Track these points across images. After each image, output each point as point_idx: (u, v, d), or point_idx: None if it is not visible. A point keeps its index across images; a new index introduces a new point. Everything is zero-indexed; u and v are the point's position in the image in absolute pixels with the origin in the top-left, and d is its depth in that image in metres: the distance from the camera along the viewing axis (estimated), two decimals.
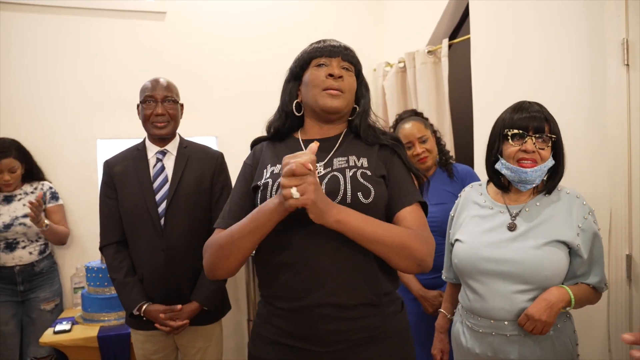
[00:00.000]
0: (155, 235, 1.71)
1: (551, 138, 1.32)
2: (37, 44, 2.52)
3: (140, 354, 1.80)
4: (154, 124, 1.75)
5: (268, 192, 1.10)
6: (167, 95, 1.75)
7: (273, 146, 1.23)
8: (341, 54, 1.18)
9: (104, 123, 2.62)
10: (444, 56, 2.56)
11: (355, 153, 1.16)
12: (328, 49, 1.17)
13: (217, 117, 2.80)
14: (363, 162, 1.14)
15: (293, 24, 2.94)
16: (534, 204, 1.37)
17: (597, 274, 1.34)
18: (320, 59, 1.17)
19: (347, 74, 1.17)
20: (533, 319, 1.25)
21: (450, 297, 1.62)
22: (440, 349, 1.62)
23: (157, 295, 1.73)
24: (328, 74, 1.14)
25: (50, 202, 2.41)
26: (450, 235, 1.52)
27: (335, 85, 1.14)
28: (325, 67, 1.16)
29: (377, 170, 1.14)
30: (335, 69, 1.15)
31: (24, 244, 2.30)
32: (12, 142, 2.33)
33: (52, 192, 2.43)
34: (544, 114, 1.33)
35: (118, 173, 1.78)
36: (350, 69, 1.19)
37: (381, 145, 1.19)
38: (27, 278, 2.29)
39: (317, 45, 1.19)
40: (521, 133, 1.31)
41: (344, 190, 1.08)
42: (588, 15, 1.71)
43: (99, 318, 2.24)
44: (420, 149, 1.89)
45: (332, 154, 1.16)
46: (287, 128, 1.22)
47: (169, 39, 2.72)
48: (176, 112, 1.79)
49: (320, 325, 1.06)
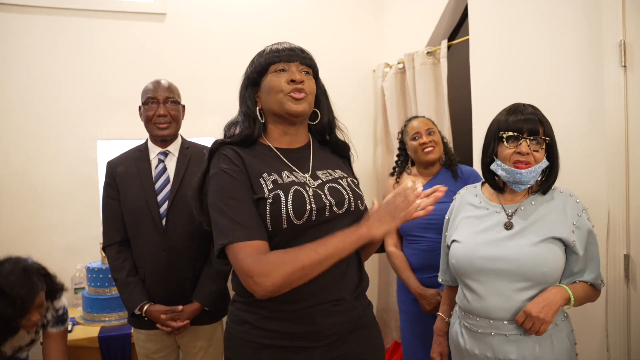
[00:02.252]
0: (156, 236, 1.72)
1: (545, 140, 1.34)
2: (38, 45, 2.52)
3: (142, 353, 1.81)
4: (156, 125, 1.76)
5: (283, 206, 1.08)
6: (169, 96, 1.76)
7: (246, 153, 1.16)
8: (299, 58, 1.18)
9: (104, 124, 2.62)
10: (443, 57, 2.57)
11: (331, 166, 1.23)
12: (286, 54, 1.17)
13: (217, 117, 2.78)
14: (339, 172, 1.22)
15: (293, 25, 2.94)
16: (529, 203, 1.39)
17: (593, 271, 1.35)
18: (278, 64, 1.16)
19: (307, 78, 1.18)
20: (531, 316, 1.26)
21: (447, 300, 1.62)
22: (439, 352, 1.62)
23: (158, 294, 1.74)
24: (290, 80, 1.14)
25: (54, 327, 1.77)
26: (446, 238, 1.53)
27: (300, 88, 1.15)
28: (285, 72, 1.16)
29: (354, 178, 1.26)
30: (297, 74, 1.15)
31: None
32: (37, 269, 1.65)
33: (59, 315, 1.77)
34: (538, 116, 1.35)
35: (120, 174, 1.79)
36: (309, 72, 1.20)
37: (341, 154, 1.30)
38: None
39: (274, 49, 1.19)
40: (516, 135, 1.33)
41: (349, 200, 1.16)
42: (586, 17, 1.72)
43: (99, 318, 2.25)
44: (427, 138, 1.96)
45: (312, 165, 1.20)
46: (256, 134, 1.19)
47: (168, 40, 2.73)
48: (178, 113, 1.80)
49: (320, 320, 1.11)
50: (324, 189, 1.14)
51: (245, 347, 1.15)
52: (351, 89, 3.08)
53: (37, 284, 1.62)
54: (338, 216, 1.14)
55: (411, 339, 2.03)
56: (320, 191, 1.14)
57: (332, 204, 1.12)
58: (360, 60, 3.14)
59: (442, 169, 2.03)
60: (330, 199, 1.13)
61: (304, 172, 1.17)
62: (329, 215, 1.12)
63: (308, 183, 1.15)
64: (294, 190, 1.10)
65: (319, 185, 1.15)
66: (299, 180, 1.14)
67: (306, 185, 1.13)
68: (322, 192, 1.14)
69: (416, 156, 2.02)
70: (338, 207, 1.13)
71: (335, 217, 1.13)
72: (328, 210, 1.12)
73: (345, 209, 1.15)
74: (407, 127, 2.05)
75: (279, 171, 1.15)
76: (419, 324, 1.98)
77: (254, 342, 1.13)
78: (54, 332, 1.79)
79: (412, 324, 2.03)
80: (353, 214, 1.16)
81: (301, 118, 1.20)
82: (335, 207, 1.13)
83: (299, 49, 1.20)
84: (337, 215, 1.14)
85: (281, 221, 1.08)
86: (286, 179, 1.13)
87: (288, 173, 1.15)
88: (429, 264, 1.91)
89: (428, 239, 1.93)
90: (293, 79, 1.14)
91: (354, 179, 1.25)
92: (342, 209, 1.14)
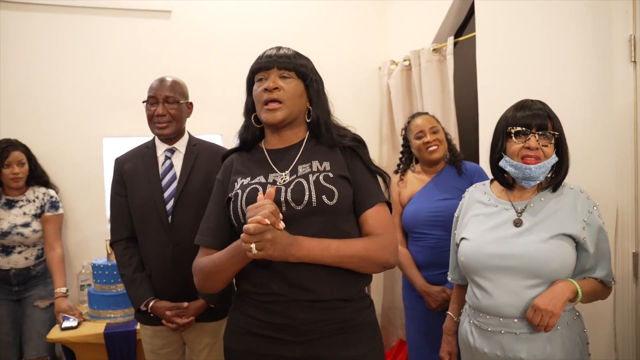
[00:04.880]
0: (163, 232, 1.72)
1: (554, 135, 1.33)
2: (42, 43, 2.53)
3: (148, 349, 1.82)
4: (155, 124, 1.76)
5: (239, 203, 1.17)
6: (169, 96, 1.74)
7: (241, 157, 1.28)
8: (276, 64, 1.20)
9: (109, 121, 2.63)
10: (450, 54, 2.55)
11: (318, 158, 1.21)
12: (264, 62, 1.21)
13: (223, 115, 2.80)
14: (326, 165, 1.19)
15: (298, 22, 2.94)
16: (539, 200, 1.37)
17: (604, 268, 1.34)
18: (259, 73, 1.21)
19: (285, 82, 1.19)
20: (539, 309, 1.25)
21: (456, 299, 1.61)
22: (447, 351, 1.61)
23: (165, 291, 1.74)
24: (264, 89, 1.18)
25: (49, 211, 2.36)
26: (455, 236, 1.52)
27: (272, 98, 1.17)
28: (264, 81, 1.19)
29: (341, 171, 1.19)
30: (270, 82, 1.18)
31: (20, 249, 2.29)
32: (16, 141, 2.36)
33: (52, 202, 2.38)
34: (546, 111, 1.34)
35: (128, 170, 1.79)
36: (290, 75, 1.20)
37: (344, 147, 1.24)
38: (23, 280, 2.29)
39: (257, 58, 1.24)
40: (524, 130, 1.33)
41: (309, 195, 1.13)
42: (595, 12, 1.71)
43: (105, 315, 2.26)
44: (431, 137, 1.94)
45: (297, 161, 1.21)
46: (250, 139, 1.28)
47: (174, 37, 2.73)
48: (178, 112, 1.77)
49: (295, 314, 1.12)
50: (291, 185, 1.15)
51: (236, 332, 1.22)
52: (356, 87, 3.07)
53: (17, 144, 2.31)
54: (300, 212, 1.13)
55: (417, 337, 2.02)
56: (286, 188, 1.15)
57: (288, 200, 1.13)
58: (365, 58, 3.14)
59: (446, 165, 2.03)
60: (288, 196, 1.14)
61: (283, 170, 1.19)
62: (286, 210, 1.12)
63: (278, 181, 1.17)
64: (250, 189, 1.17)
65: (290, 181, 1.17)
66: (265, 180, 1.19)
67: (268, 185, 1.16)
68: (287, 188, 1.15)
69: (420, 155, 2.01)
70: (296, 203, 1.13)
71: (296, 212, 1.13)
72: (284, 205, 1.13)
73: (306, 203, 1.12)
74: (411, 125, 2.03)
75: (255, 174, 1.21)
76: (425, 322, 1.97)
77: (241, 327, 1.20)
78: (49, 216, 2.35)
79: (417, 322, 2.02)
80: (318, 209, 1.12)
81: (283, 124, 1.22)
82: (292, 203, 1.13)
83: (278, 55, 1.21)
84: (299, 211, 1.13)
85: (239, 216, 1.16)
86: (254, 180, 1.20)
87: (262, 176, 1.20)
88: (434, 262, 1.90)
89: (434, 236, 1.92)
90: (266, 87, 1.18)
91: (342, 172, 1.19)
92: (301, 205, 1.12)
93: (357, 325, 1.18)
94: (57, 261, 2.32)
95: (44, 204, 2.36)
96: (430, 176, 2.01)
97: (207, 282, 1.20)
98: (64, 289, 2.29)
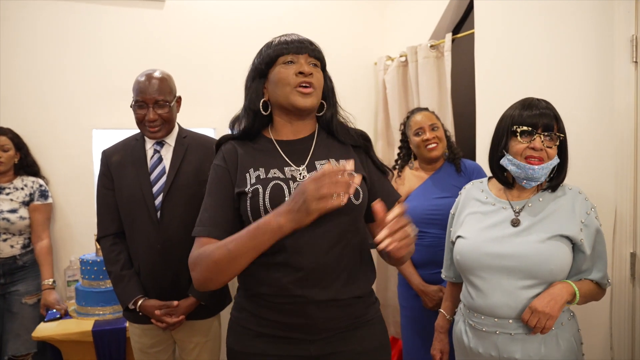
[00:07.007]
0: (151, 227, 1.68)
1: (559, 137, 1.32)
2: (31, 32, 2.45)
3: (137, 348, 1.78)
4: (147, 128, 1.70)
5: (260, 200, 1.10)
6: (158, 99, 1.67)
7: (246, 147, 1.20)
8: (308, 50, 1.18)
9: (100, 113, 2.57)
10: (447, 51, 2.53)
11: (334, 156, 1.19)
12: (295, 46, 1.16)
13: (216, 108, 2.75)
14: None
15: (294, 15, 2.90)
16: (537, 200, 1.36)
17: (600, 270, 1.34)
18: (287, 56, 1.16)
19: (315, 70, 1.17)
20: (537, 312, 1.24)
21: (450, 297, 1.60)
22: (439, 349, 1.61)
23: (153, 288, 1.70)
24: (298, 72, 1.14)
25: (39, 200, 2.32)
26: (451, 234, 1.50)
27: (309, 81, 1.14)
28: (293, 64, 1.15)
29: (358, 172, 1.15)
30: (305, 66, 1.15)
31: (5, 236, 2.24)
32: (7, 128, 2.31)
33: (42, 190, 2.34)
34: (552, 111, 1.33)
35: (115, 163, 1.74)
36: (318, 64, 1.19)
37: (355, 145, 1.24)
38: (9, 271, 2.24)
39: (282, 41, 1.18)
40: (530, 130, 1.31)
41: None
42: (596, 12, 1.69)
43: (93, 312, 2.20)
44: (430, 134, 1.92)
45: (311, 156, 1.18)
46: (256, 127, 1.21)
47: (167, 28, 2.67)
48: (169, 114, 1.71)
49: (314, 313, 1.11)
50: None
51: (244, 334, 1.17)
52: (352, 82, 3.03)
53: (4, 130, 2.27)
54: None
55: (412, 335, 2.01)
56: None
57: None
58: (361, 53, 3.10)
59: (445, 163, 2.01)
60: None
61: (299, 165, 1.16)
62: None
63: (297, 177, 1.14)
64: (273, 185, 1.12)
65: None
66: (284, 176, 1.14)
67: (290, 181, 1.13)
68: None
69: (419, 152, 1.98)
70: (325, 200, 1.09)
71: None
72: None
73: None
74: (410, 121, 2.01)
75: (268, 166, 1.16)
76: (420, 320, 1.95)
77: (251, 329, 1.16)
78: (38, 205, 2.31)
79: (413, 320, 2.00)
80: (346, 208, 1.08)
81: (309, 112, 1.19)
82: None
83: (308, 41, 1.19)
84: None
85: (260, 214, 1.10)
86: (272, 175, 1.14)
87: (277, 169, 1.15)
88: (431, 260, 1.88)
89: (431, 235, 1.90)
90: (301, 71, 1.14)
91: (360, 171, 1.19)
92: None
93: (367, 320, 1.20)
94: (45, 252, 2.29)
95: (33, 192, 2.32)
96: (429, 173, 1.99)
97: (213, 274, 1.06)
98: (51, 281, 2.25)
